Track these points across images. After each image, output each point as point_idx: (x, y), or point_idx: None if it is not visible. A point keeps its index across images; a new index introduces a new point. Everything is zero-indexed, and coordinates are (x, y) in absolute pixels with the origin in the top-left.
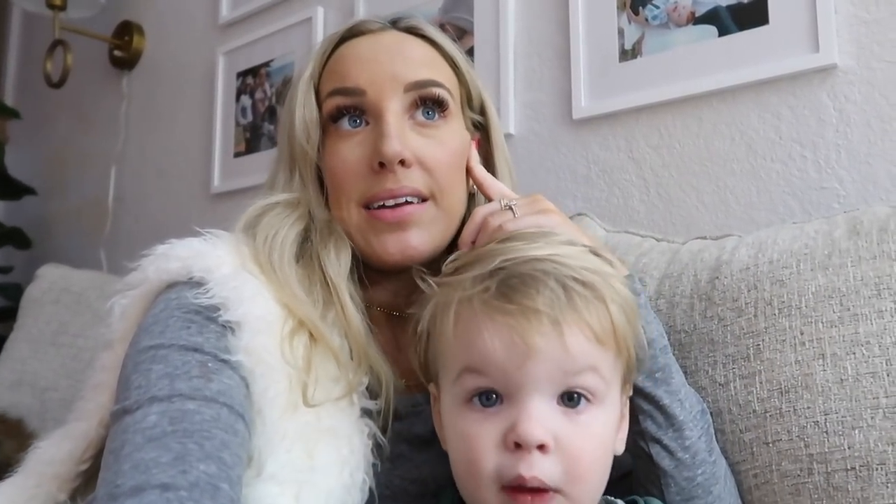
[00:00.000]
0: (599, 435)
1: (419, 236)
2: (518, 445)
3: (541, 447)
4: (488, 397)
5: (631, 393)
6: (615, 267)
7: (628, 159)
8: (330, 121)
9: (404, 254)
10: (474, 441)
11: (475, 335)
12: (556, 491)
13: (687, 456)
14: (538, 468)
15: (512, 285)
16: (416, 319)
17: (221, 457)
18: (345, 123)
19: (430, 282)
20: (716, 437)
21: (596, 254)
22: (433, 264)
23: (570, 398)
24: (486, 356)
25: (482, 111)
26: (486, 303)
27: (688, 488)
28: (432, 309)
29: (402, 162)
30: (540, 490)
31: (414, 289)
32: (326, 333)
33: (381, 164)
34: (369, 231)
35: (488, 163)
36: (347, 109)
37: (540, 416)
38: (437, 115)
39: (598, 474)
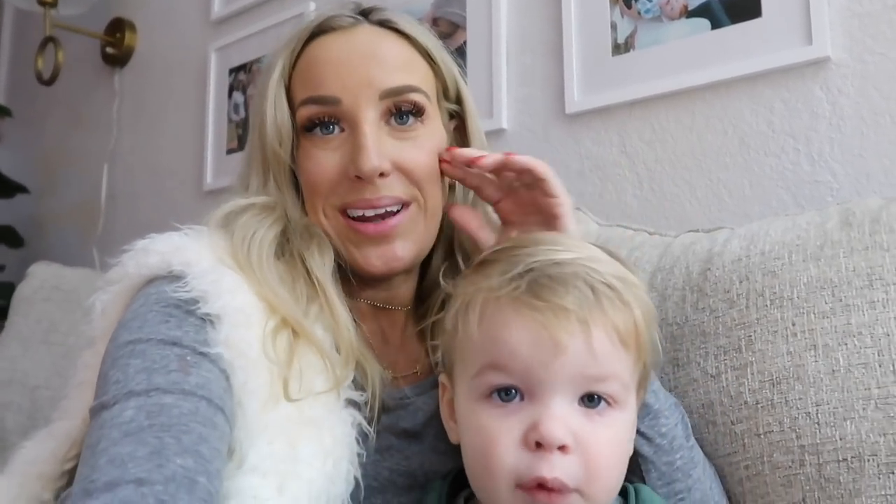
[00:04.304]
0: (618, 436)
1: (403, 247)
2: (539, 445)
3: (562, 448)
4: (507, 392)
5: (644, 398)
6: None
7: (621, 154)
8: (304, 129)
9: (389, 266)
10: (492, 437)
11: (501, 330)
12: (575, 490)
13: (664, 441)
14: (559, 469)
15: (542, 284)
16: (442, 313)
17: (199, 450)
18: (318, 131)
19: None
20: (707, 428)
21: (617, 258)
22: (421, 266)
23: (590, 399)
24: (512, 352)
25: (458, 99)
26: (516, 299)
27: (668, 472)
28: (456, 304)
29: (380, 174)
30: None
31: (401, 282)
32: (310, 330)
33: (358, 176)
34: (349, 241)
35: None
36: (321, 118)
37: (562, 416)
38: (414, 120)
39: (616, 475)
